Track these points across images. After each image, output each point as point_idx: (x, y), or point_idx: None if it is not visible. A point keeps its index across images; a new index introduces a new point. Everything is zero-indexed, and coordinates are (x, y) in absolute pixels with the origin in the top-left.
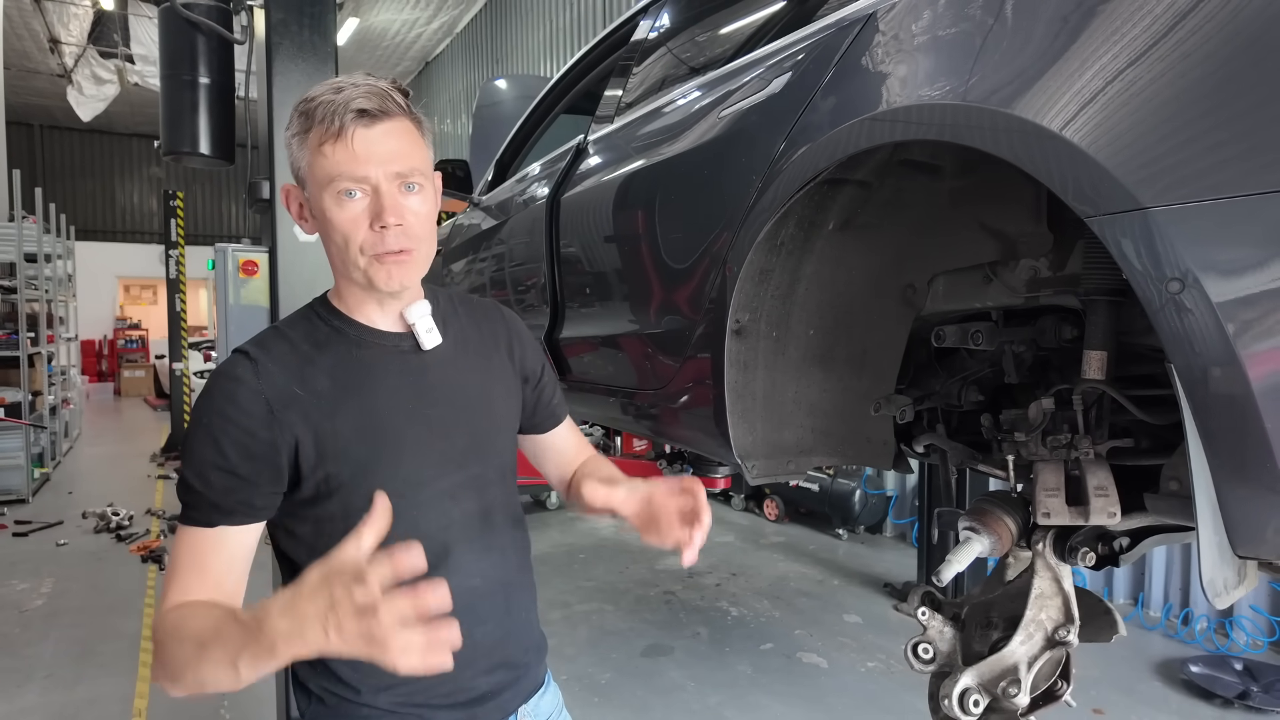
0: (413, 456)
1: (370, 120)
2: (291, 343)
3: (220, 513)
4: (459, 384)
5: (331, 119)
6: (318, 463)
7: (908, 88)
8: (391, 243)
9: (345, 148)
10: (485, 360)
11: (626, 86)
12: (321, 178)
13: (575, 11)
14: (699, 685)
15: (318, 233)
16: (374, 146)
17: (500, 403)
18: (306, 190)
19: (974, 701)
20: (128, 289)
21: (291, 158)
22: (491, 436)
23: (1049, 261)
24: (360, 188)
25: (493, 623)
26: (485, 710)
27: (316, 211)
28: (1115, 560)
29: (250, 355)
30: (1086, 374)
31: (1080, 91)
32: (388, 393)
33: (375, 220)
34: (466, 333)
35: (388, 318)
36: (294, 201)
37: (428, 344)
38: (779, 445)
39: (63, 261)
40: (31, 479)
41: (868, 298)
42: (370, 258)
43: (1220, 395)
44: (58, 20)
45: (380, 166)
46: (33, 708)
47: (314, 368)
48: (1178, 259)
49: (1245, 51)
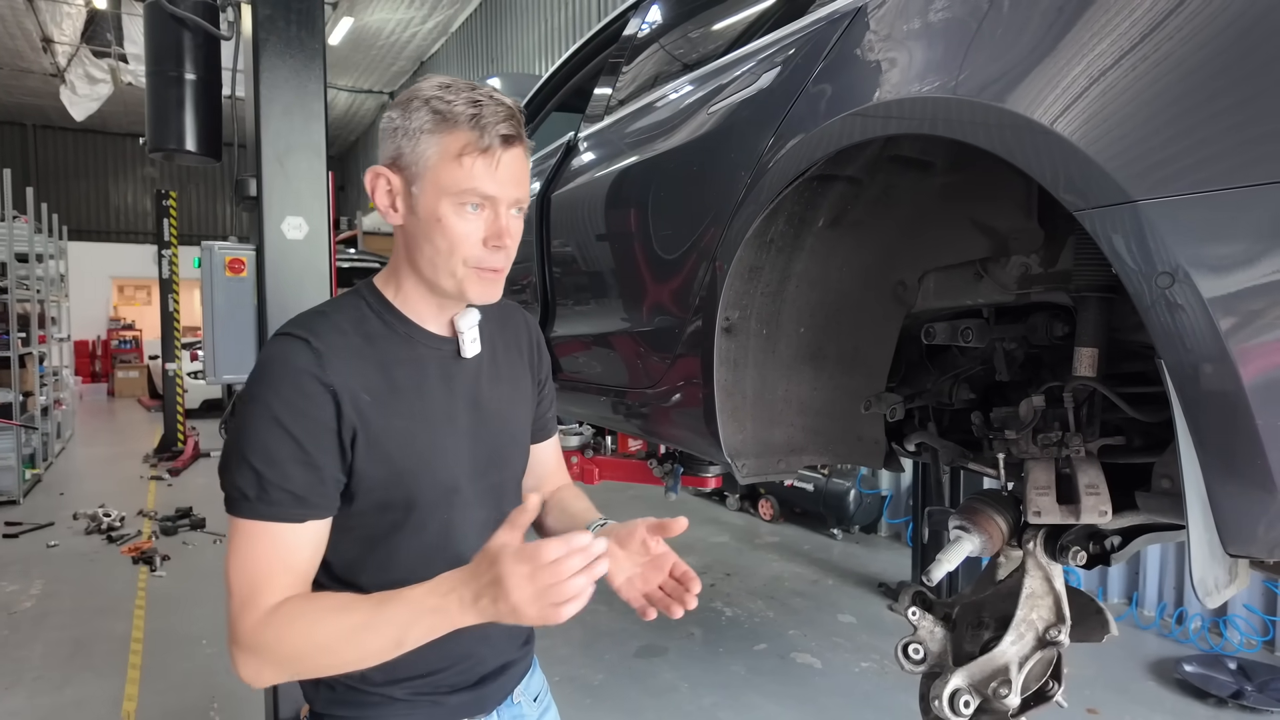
0: (450, 461)
1: (509, 145)
2: (343, 332)
3: (306, 506)
4: (489, 394)
5: (482, 134)
6: (366, 459)
7: (897, 82)
8: (498, 261)
9: (488, 166)
10: (511, 370)
11: (616, 84)
12: (449, 184)
13: (570, 11)
14: (693, 686)
15: (402, 225)
16: (508, 171)
17: (520, 414)
18: (416, 186)
19: (965, 702)
20: (121, 289)
21: (405, 147)
22: (510, 447)
23: (1040, 258)
24: (483, 204)
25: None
26: (488, 690)
27: (426, 212)
28: (1107, 559)
29: (310, 344)
30: (1078, 371)
31: (1070, 85)
32: (429, 396)
33: (491, 239)
34: (495, 341)
35: (439, 321)
36: (384, 188)
37: (469, 352)
38: (769, 444)
39: (55, 261)
40: (23, 480)
41: (858, 295)
42: (472, 269)
43: (1211, 392)
44: (50, 19)
45: (508, 190)
46: (20, 710)
47: (365, 362)
48: (1168, 253)
49: (1235, 45)
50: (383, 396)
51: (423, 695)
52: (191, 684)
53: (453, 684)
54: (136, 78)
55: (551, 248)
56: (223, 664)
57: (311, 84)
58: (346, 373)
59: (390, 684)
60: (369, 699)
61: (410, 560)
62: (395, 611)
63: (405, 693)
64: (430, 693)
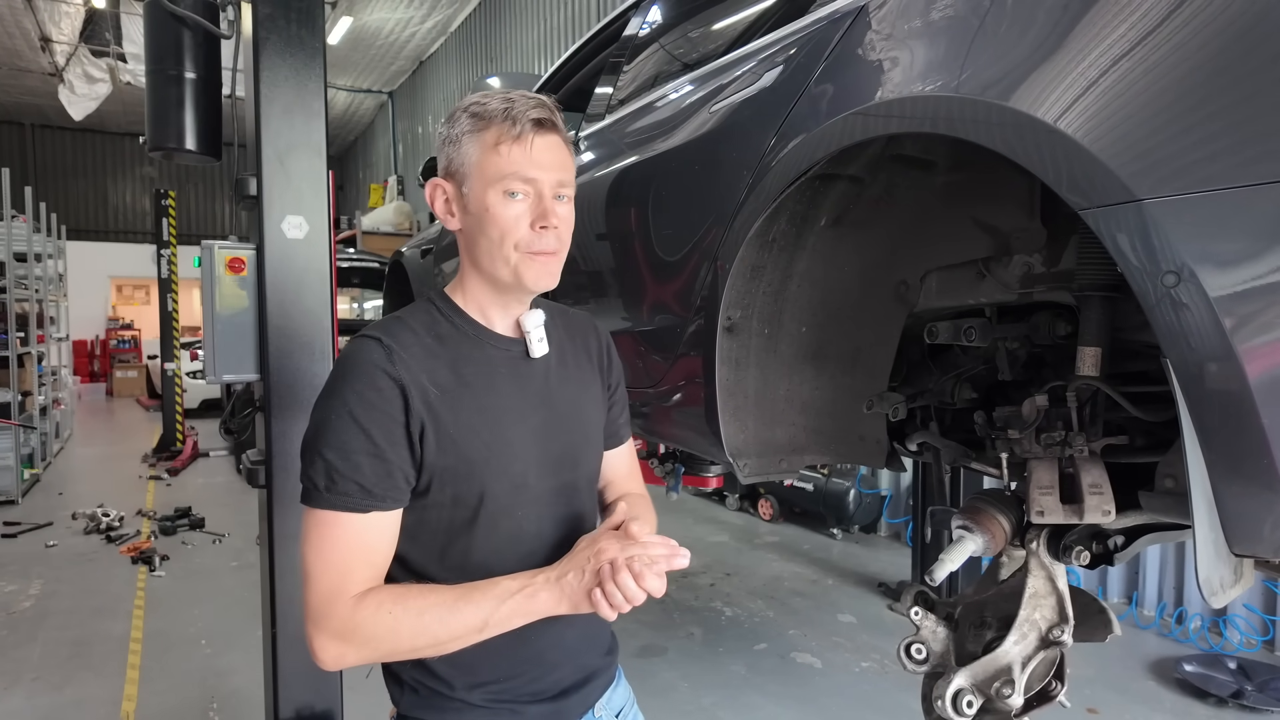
0: (519, 459)
1: (544, 130)
2: (415, 332)
3: (374, 498)
4: (559, 394)
5: (513, 122)
6: (436, 454)
7: (900, 80)
8: (549, 243)
9: (523, 150)
10: (580, 373)
11: (617, 84)
12: (492, 174)
13: (569, 10)
14: (692, 686)
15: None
16: (545, 154)
17: (592, 416)
18: (466, 186)
19: (967, 702)
20: (120, 289)
21: (452, 154)
22: (583, 447)
23: (1043, 257)
24: (526, 189)
25: (580, 626)
26: (570, 704)
27: (475, 206)
28: (1110, 559)
29: (383, 342)
30: (1081, 370)
31: (1073, 82)
32: (499, 394)
33: (538, 220)
34: (564, 345)
35: (505, 322)
36: (441, 197)
37: (537, 352)
38: (771, 443)
39: (54, 261)
40: (21, 480)
41: (860, 294)
42: (524, 254)
43: (1217, 391)
44: (49, 18)
45: (548, 173)
46: (19, 710)
47: (436, 360)
48: (1173, 252)
49: (1239, 41)
50: (453, 391)
51: (501, 703)
52: (190, 684)
53: (532, 693)
54: (135, 77)
55: None
56: (222, 664)
57: (312, 82)
58: (416, 369)
59: (470, 689)
60: (450, 704)
61: (484, 555)
62: (483, 592)
63: (484, 698)
64: (509, 700)
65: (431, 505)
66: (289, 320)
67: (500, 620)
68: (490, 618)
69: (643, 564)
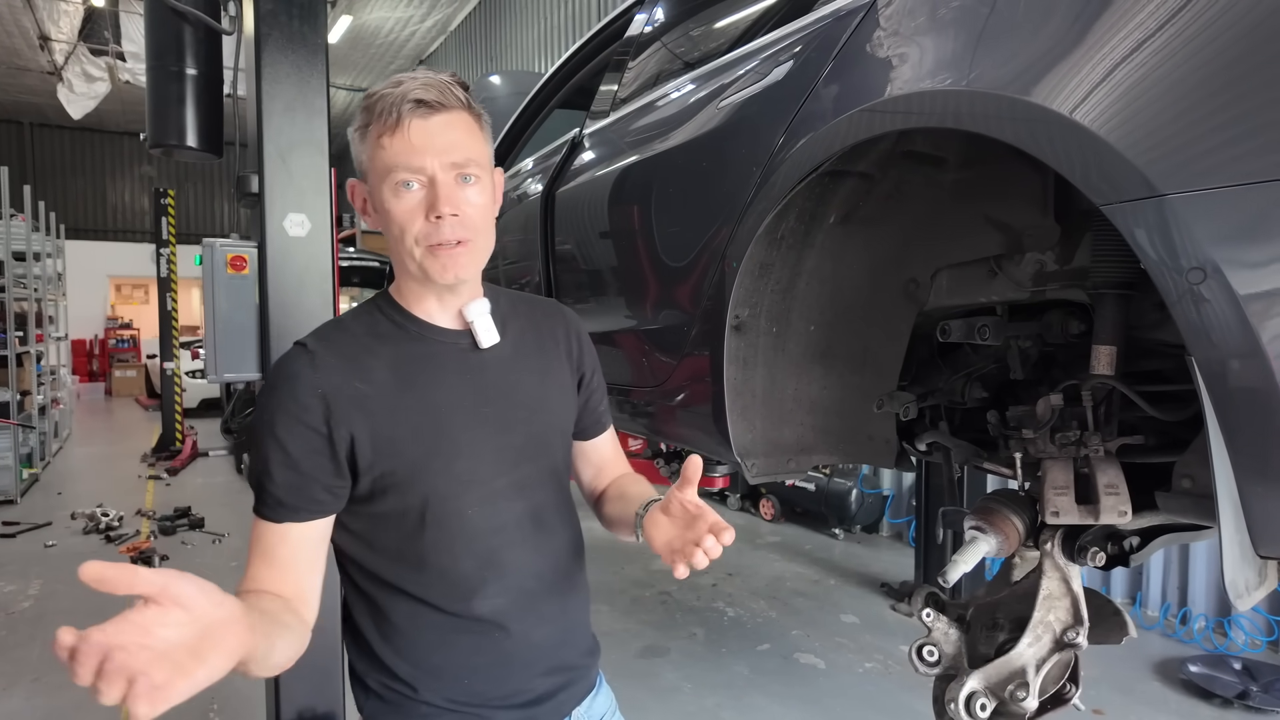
0: (467, 455)
1: (428, 111)
2: (352, 334)
3: (286, 509)
4: (515, 384)
5: (389, 111)
6: (374, 459)
7: (913, 75)
8: (447, 234)
9: (402, 139)
10: (543, 360)
11: (622, 81)
12: (380, 170)
13: (569, 9)
14: (695, 687)
15: (379, 227)
16: (431, 138)
17: (555, 404)
18: (369, 184)
19: (981, 705)
20: (119, 288)
21: (355, 153)
22: (545, 438)
23: (1055, 255)
24: (417, 178)
25: (552, 624)
26: (543, 711)
27: (377, 205)
28: (1125, 560)
29: (309, 348)
30: (1096, 369)
31: (1092, 73)
32: (445, 390)
33: (430, 211)
34: (526, 333)
35: (447, 314)
36: (359, 197)
37: (485, 342)
38: (779, 443)
39: (52, 260)
40: (20, 479)
41: (869, 293)
42: (425, 249)
43: (1243, 389)
44: (48, 17)
45: (436, 157)
46: (18, 711)
47: (374, 359)
48: (1198, 248)
49: (1264, 24)
50: (390, 392)
51: (469, 707)
52: None
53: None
54: (134, 76)
55: (555, 245)
56: None
57: (314, 80)
58: (346, 373)
59: (435, 693)
60: (415, 709)
61: (439, 555)
62: None
63: (449, 702)
64: (478, 705)
65: (378, 510)
66: (291, 319)
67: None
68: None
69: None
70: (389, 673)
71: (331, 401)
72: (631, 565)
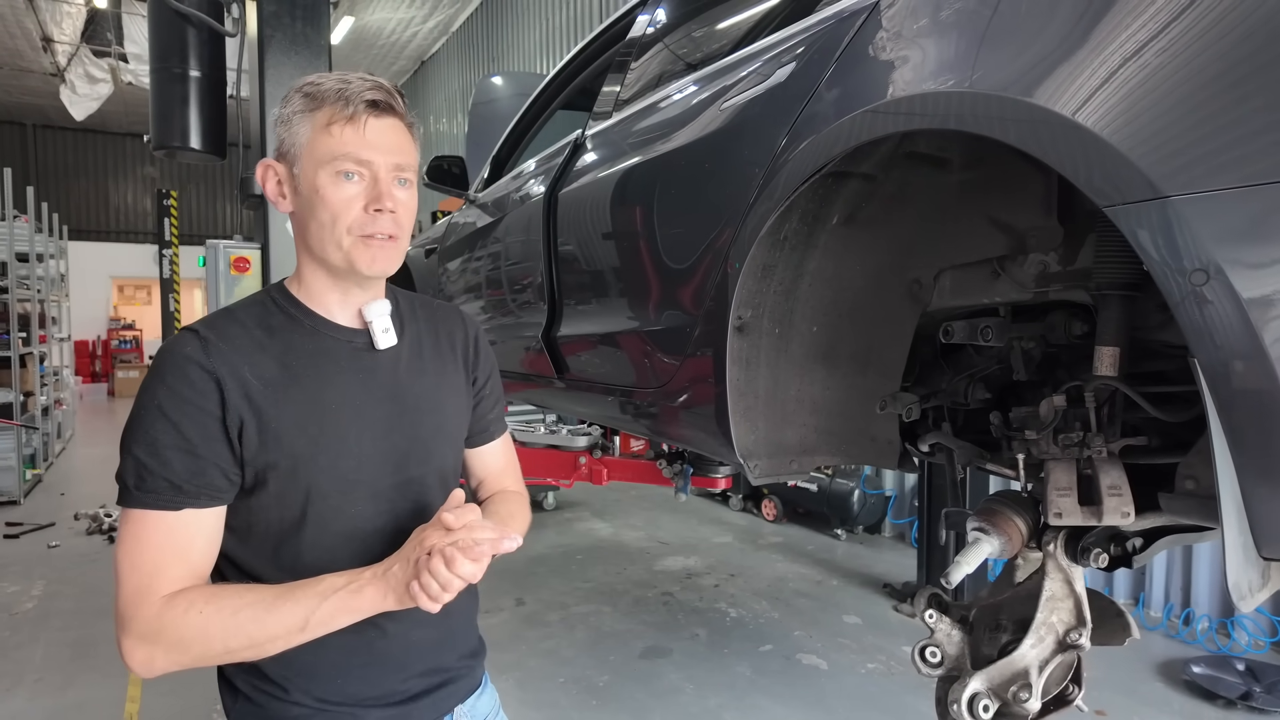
0: (352, 455)
1: (380, 112)
2: (243, 325)
3: (185, 495)
4: (407, 386)
5: (346, 102)
6: (258, 450)
7: (915, 77)
8: (384, 226)
9: (356, 131)
10: (439, 365)
11: (624, 81)
12: (323, 155)
13: (571, 10)
14: (698, 687)
15: (292, 211)
16: (381, 136)
17: (449, 409)
18: (296, 167)
19: (984, 706)
20: (121, 289)
21: (284, 134)
22: (435, 442)
23: (1059, 256)
24: (360, 171)
25: (430, 627)
26: (418, 708)
27: (306, 188)
28: (1128, 561)
29: (200, 334)
30: (1099, 370)
31: (1095, 75)
32: (334, 387)
33: (372, 203)
34: (423, 336)
35: (347, 312)
36: (272, 178)
37: (382, 343)
38: (781, 444)
39: (55, 261)
40: (23, 480)
41: (872, 293)
42: (357, 238)
43: (1247, 390)
44: (50, 19)
45: (385, 155)
46: (21, 712)
47: (263, 353)
48: (1202, 249)
49: (1268, 25)
50: (278, 385)
51: (340, 706)
52: (194, 686)
53: (375, 696)
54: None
55: (558, 246)
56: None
57: None
58: (236, 361)
59: (305, 693)
60: (285, 710)
61: (317, 555)
62: (305, 590)
63: (319, 702)
64: (349, 704)
65: (258, 505)
66: None
67: (323, 619)
68: (312, 616)
69: (460, 548)
70: (259, 674)
71: (224, 387)
72: (634, 566)
